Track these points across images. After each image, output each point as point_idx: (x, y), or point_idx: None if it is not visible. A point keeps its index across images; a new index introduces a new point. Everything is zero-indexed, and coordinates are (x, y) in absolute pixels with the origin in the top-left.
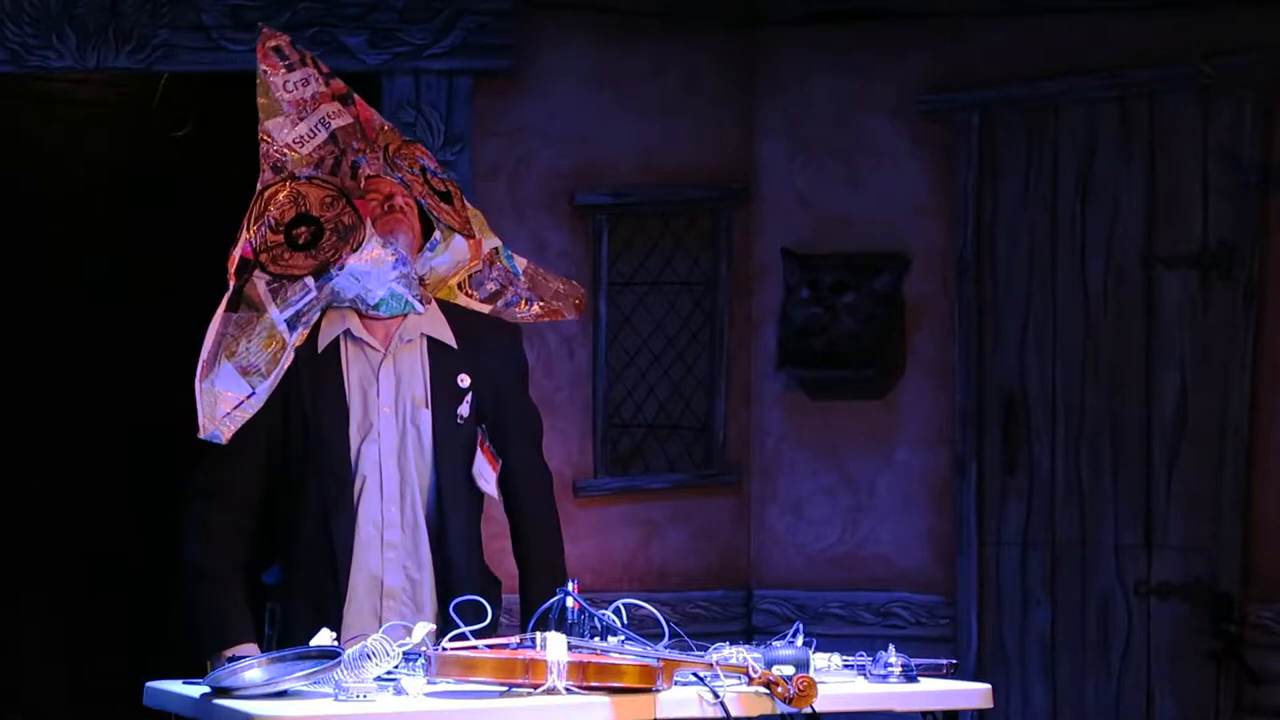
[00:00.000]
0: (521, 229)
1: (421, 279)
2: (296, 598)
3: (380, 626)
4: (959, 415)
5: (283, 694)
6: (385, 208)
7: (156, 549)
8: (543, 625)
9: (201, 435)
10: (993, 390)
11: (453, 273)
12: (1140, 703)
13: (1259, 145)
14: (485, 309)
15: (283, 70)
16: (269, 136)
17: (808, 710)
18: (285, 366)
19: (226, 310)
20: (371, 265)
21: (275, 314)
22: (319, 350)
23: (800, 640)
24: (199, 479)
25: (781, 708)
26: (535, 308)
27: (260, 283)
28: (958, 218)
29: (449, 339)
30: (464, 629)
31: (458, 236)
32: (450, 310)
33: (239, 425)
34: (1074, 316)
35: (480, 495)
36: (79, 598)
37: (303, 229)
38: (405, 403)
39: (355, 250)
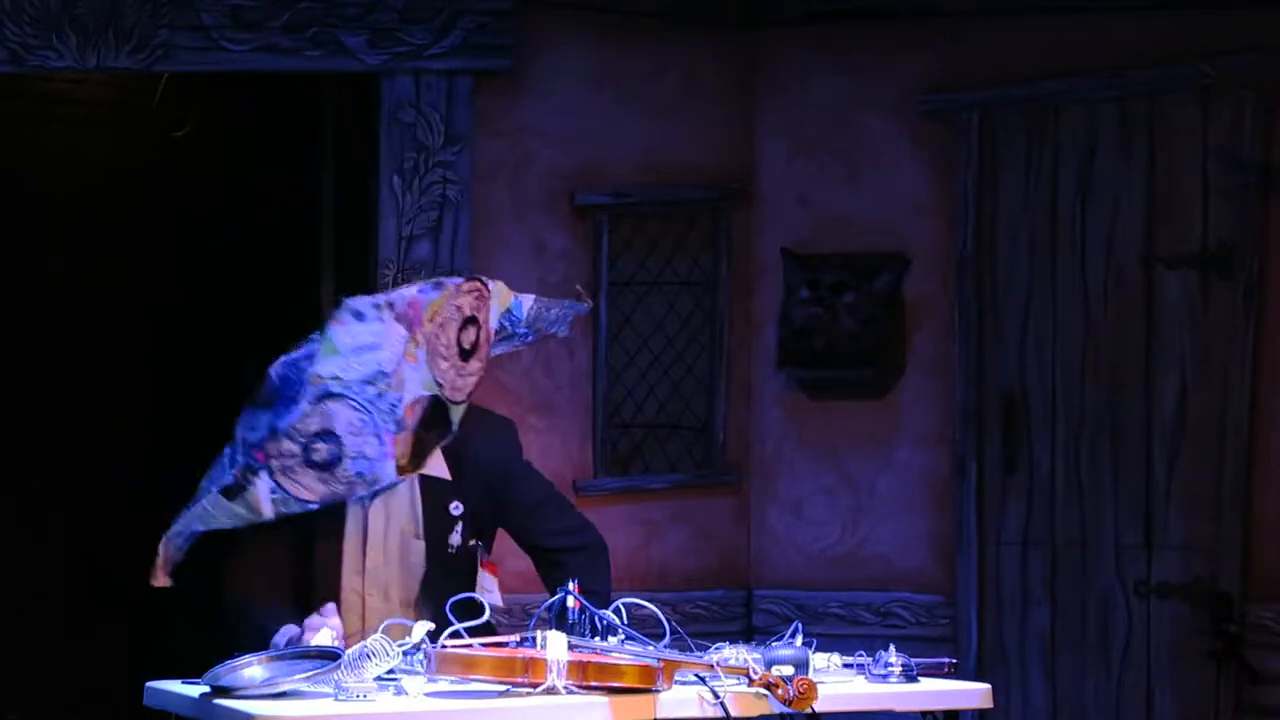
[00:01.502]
0: (521, 229)
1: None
2: None
3: None
4: (959, 415)
5: (283, 694)
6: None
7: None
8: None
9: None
10: (993, 390)
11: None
12: (1140, 703)
13: (1259, 145)
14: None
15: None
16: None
17: (807, 711)
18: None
19: (221, 495)
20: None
21: (267, 516)
22: None
23: (800, 640)
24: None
25: (781, 708)
26: (535, 339)
27: (264, 488)
28: (958, 218)
29: (444, 473)
30: (458, 626)
31: (418, 352)
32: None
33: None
34: (1074, 316)
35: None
36: (79, 598)
37: (321, 446)
38: (395, 542)
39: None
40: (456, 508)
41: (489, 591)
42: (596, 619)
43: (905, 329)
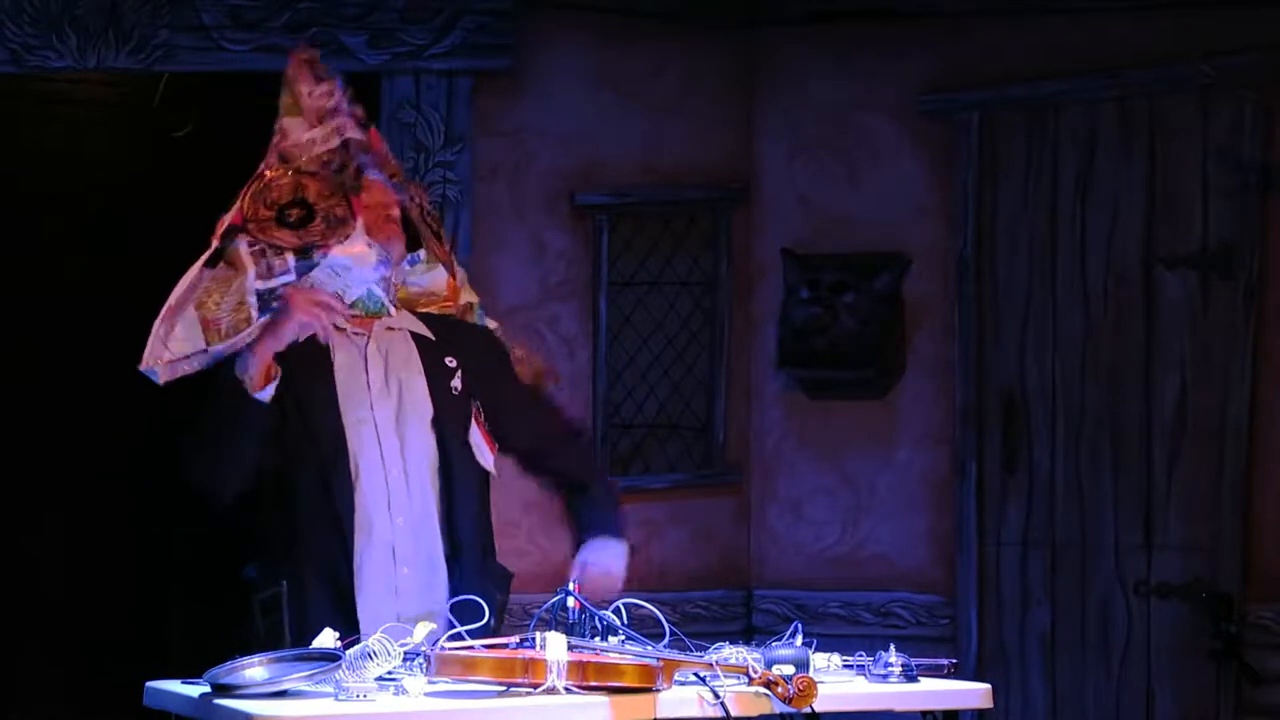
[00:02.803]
0: (521, 229)
1: (395, 288)
2: (306, 574)
3: (397, 596)
4: (959, 415)
5: (283, 694)
6: (383, 217)
7: (156, 549)
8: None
9: (141, 368)
10: (993, 390)
11: (423, 298)
12: (1140, 703)
13: (1259, 145)
14: None
15: (310, 80)
16: (284, 132)
17: (807, 710)
18: (242, 342)
19: (205, 265)
20: (354, 260)
21: (251, 280)
22: (299, 339)
23: (800, 640)
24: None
25: (781, 707)
26: None
27: (243, 245)
28: (958, 218)
29: (427, 333)
30: (460, 629)
31: (440, 267)
32: (422, 315)
33: (177, 376)
34: (1074, 316)
35: (486, 473)
36: (79, 598)
37: (295, 210)
38: (396, 378)
39: (341, 242)
40: (451, 361)
41: (482, 454)
42: (596, 619)
43: (905, 329)
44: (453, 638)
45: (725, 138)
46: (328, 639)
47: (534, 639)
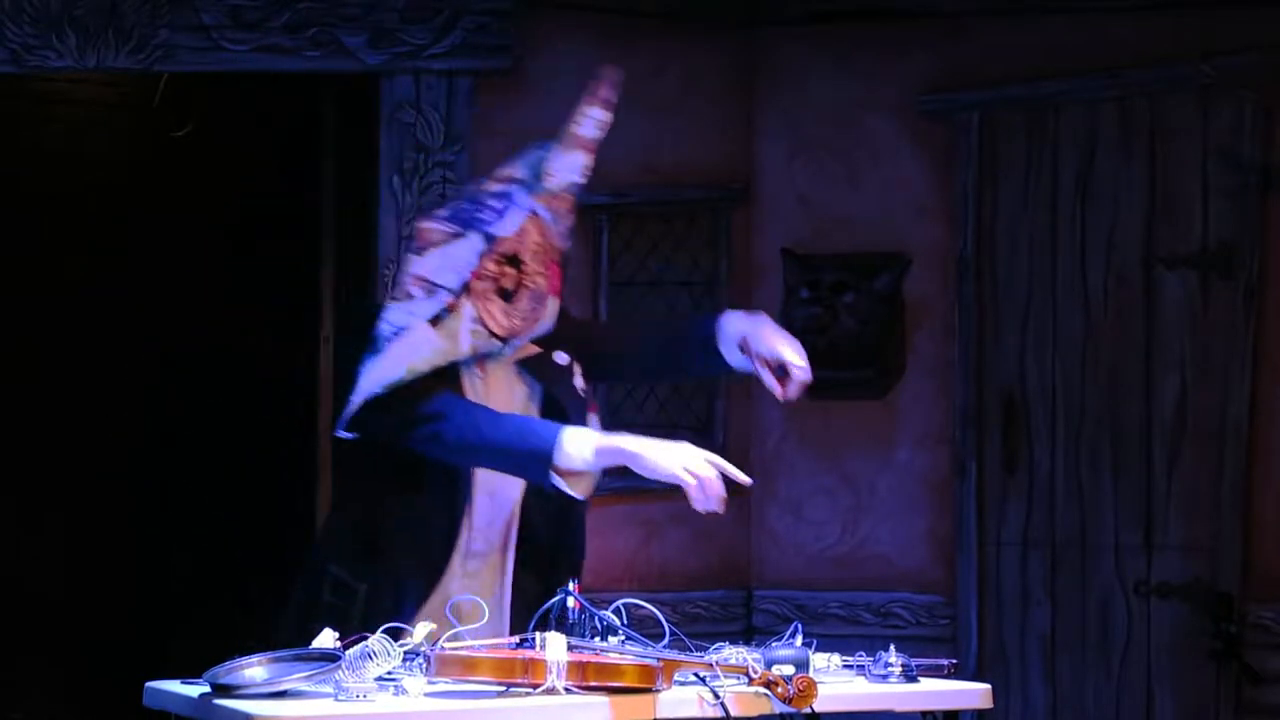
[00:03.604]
0: None
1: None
2: (386, 583)
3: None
4: (959, 415)
5: (283, 694)
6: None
7: (156, 549)
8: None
9: (340, 432)
10: (993, 390)
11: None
12: (1140, 703)
13: (1259, 145)
14: None
15: (599, 106)
16: (549, 170)
17: (807, 710)
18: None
19: (431, 324)
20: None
21: (463, 351)
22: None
23: (800, 640)
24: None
25: (781, 708)
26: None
27: (466, 321)
28: (958, 218)
29: (533, 349)
30: (457, 629)
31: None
32: None
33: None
34: (1074, 316)
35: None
36: (79, 597)
37: (510, 271)
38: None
39: (534, 326)
40: (562, 357)
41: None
42: (597, 619)
43: (905, 329)
44: (452, 638)
45: (725, 138)
46: (327, 639)
47: (534, 639)
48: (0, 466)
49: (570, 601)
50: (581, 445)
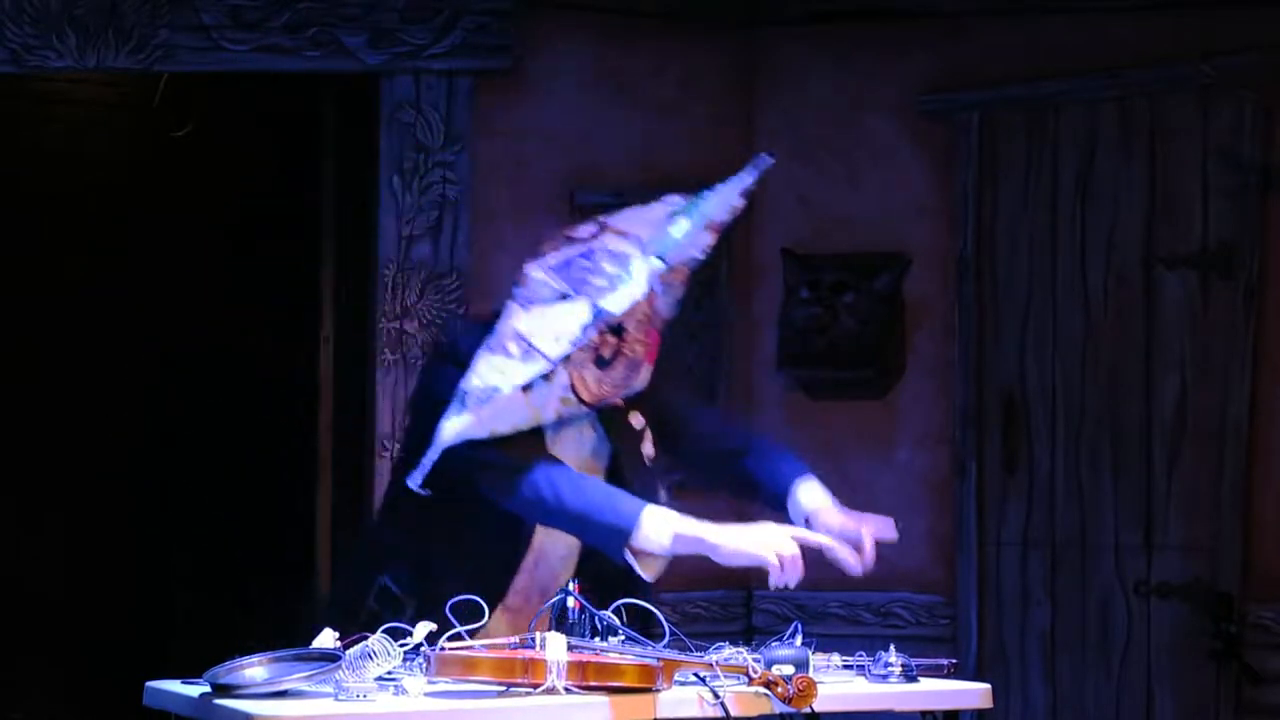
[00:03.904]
0: (521, 229)
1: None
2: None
3: None
4: (959, 415)
5: (283, 694)
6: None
7: (156, 549)
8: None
9: (415, 486)
10: (993, 390)
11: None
12: (1140, 703)
13: (1259, 145)
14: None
15: (741, 201)
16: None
17: (807, 710)
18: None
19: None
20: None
21: (548, 419)
22: None
23: (800, 640)
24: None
25: (781, 707)
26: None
27: (558, 388)
28: (958, 218)
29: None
30: (459, 629)
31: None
32: None
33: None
34: (1074, 316)
35: None
36: (79, 597)
37: (611, 340)
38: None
39: (626, 388)
40: (638, 420)
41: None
42: (596, 619)
43: (905, 329)
44: (452, 638)
45: (725, 138)
46: (327, 639)
47: (534, 639)
48: (0, 466)
49: (570, 601)
50: (661, 529)
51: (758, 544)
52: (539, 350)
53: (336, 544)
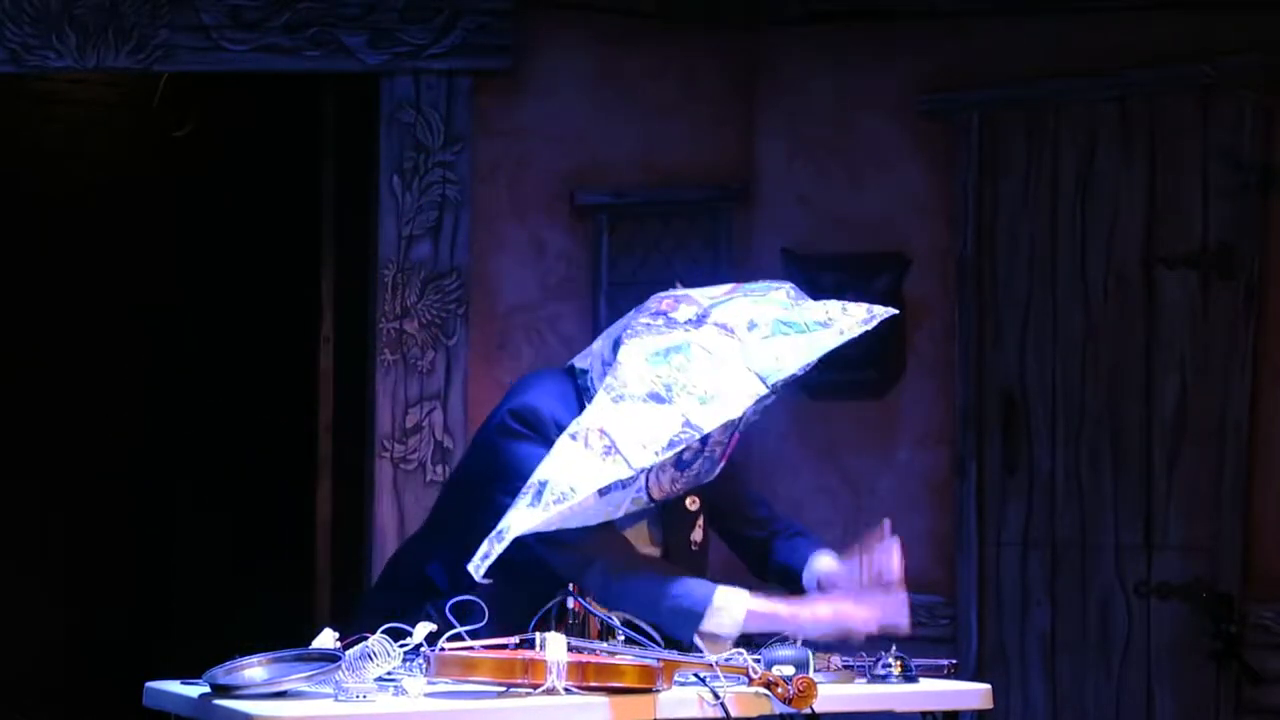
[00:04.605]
0: (521, 229)
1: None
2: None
3: None
4: (959, 415)
5: (283, 694)
6: None
7: (156, 549)
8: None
9: (477, 575)
10: (993, 390)
11: None
12: (1140, 703)
13: (1259, 145)
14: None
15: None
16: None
17: (807, 711)
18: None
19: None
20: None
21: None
22: None
23: (800, 641)
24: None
25: (781, 708)
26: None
27: (634, 486)
28: (958, 218)
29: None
30: (459, 629)
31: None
32: None
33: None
34: (1074, 316)
35: None
36: (79, 598)
37: (695, 444)
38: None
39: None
40: (693, 504)
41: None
42: (597, 619)
43: (905, 329)
44: (452, 638)
45: (725, 138)
46: (327, 639)
47: (534, 639)
48: (0, 466)
49: (570, 601)
50: (735, 608)
51: (835, 614)
52: (624, 455)
53: (336, 544)
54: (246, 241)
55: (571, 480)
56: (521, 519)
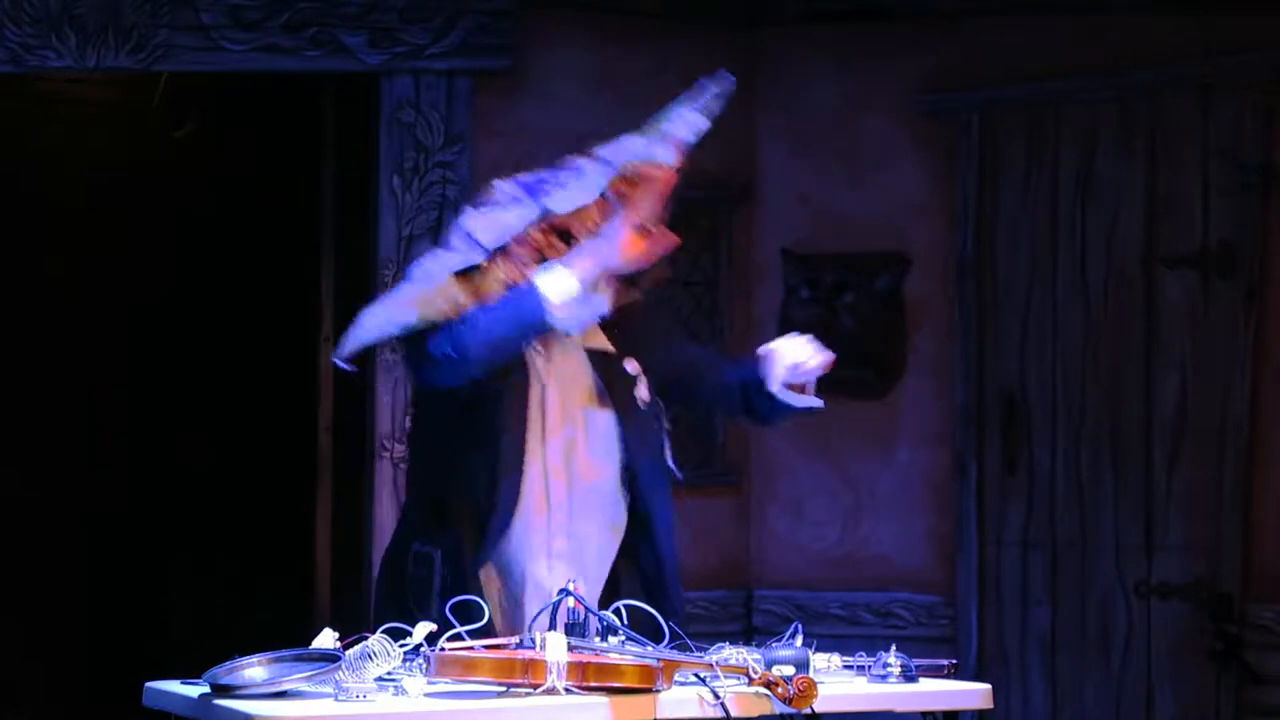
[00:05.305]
0: None
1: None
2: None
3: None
4: (959, 415)
5: (283, 694)
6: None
7: (156, 549)
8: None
9: (341, 361)
10: (993, 390)
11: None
12: (1140, 703)
13: (1259, 145)
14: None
15: (698, 118)
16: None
17: (807, 711)
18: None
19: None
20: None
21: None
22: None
23: (800, 641)
24: None
25: (781, 708)
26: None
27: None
28: (958, 218)
29: (608, 347)
30: (460, 629)
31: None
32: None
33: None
34: (1074, 316)
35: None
36: (79, 598)
37: (559, 245)
38: (579, 409)
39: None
40: (632, 367)
41: (670, 460)
42: (597, 619)
43: (905, 329)
44: (452, 638)
45: (725, 138)
46: (327, 639)
47: (534, 639)
48: (1, 466)
49: (570, 601)
50: (559, 283)
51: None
52: (479, 242)
53: (336, 544)
54: (246, 241)
55: (433, 267)
56: (382, 310)
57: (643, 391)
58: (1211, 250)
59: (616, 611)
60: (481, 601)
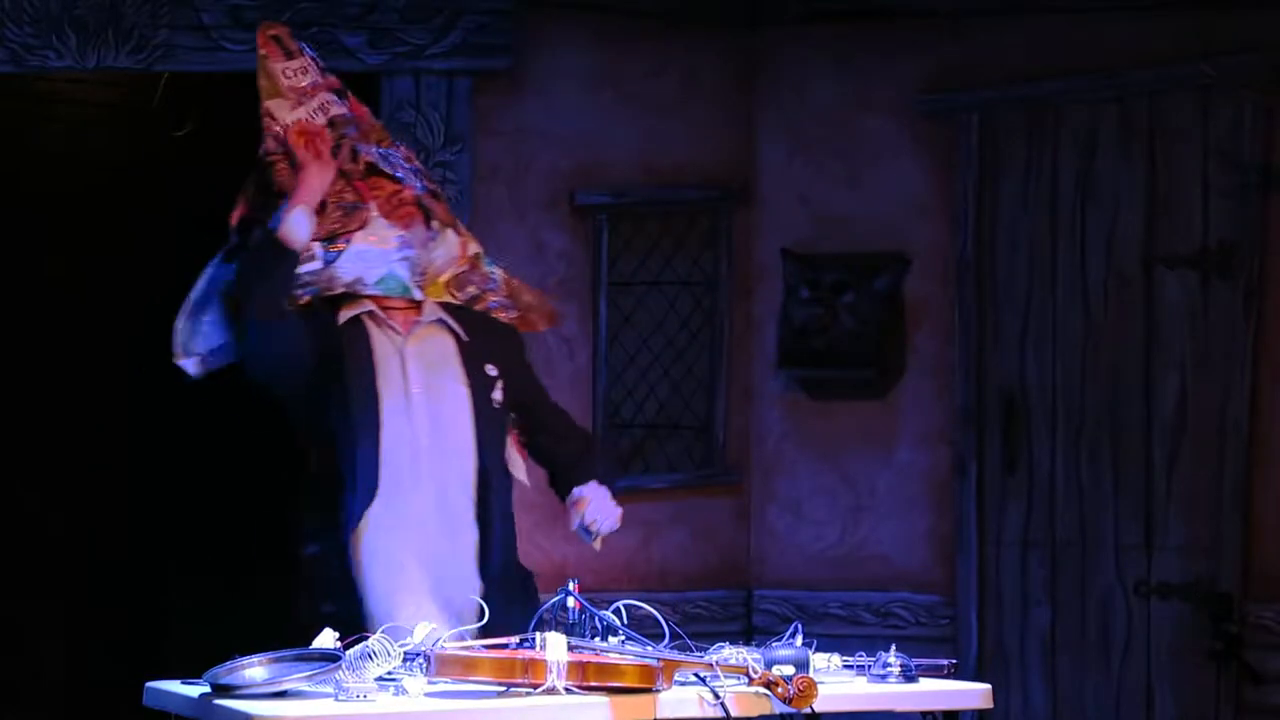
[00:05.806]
0: (521, 229)
1: (422, 271)
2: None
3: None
4: (959, 415)
5: (283, 694)
6: (395, 202)
7: (155, 549)
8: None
9: (176, 361)
10: (993, 390)
11: (446, 269)
12: (1140, 703)
13: (1259, 145)
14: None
15: (282, 58)
16: (271, 115)
17: (807, 710)
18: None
19: (225, 260)
20: (376, 245)
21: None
22: (339, 323)
23: (800, 640)
24: None
25: (781, 708)
26: (511, 315)
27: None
28: (958, 218)
29: (462, 333)
30: (461, 629)
31: (450, 232)
32: (450, 308)
33: (209, 370)
34: (1074, 316)
35: (511, 483)
36: (79, 599)
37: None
38: (438, 383)
39: (362, 229)
40: (493, 370)
41: (516, 467)
42: (597, 619)
43: (905, 329)
44: (452, 638)
45: (725, 138)
46: (327, 639)
47: (534, 639)
48: (1, 466)
49: (570, 601)
50: (288, 222)
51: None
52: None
53: None
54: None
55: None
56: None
57: (497, 394)
58: (1211, 250)
59: (616, 611)
60: (483, 603)
